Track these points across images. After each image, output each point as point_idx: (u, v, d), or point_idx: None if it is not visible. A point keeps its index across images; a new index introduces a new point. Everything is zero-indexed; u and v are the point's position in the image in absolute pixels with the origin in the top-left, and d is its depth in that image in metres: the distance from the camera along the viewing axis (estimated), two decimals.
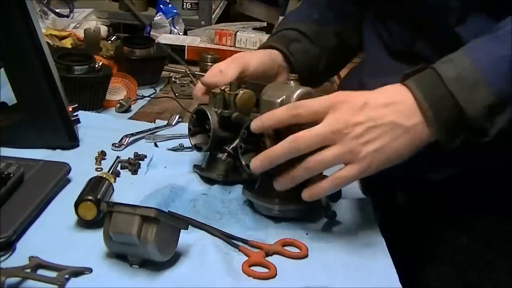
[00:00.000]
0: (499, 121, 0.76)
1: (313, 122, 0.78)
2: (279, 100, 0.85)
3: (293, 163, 0.79)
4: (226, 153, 0.95)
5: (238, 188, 0.94)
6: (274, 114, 0.80)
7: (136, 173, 1.00)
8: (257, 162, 0.81)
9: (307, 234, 0.86)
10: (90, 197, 0.80)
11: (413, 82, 0.78)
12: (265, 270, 0.77)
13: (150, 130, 1.16)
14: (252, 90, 0.94)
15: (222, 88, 0.96)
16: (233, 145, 0.95)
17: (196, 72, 1.54)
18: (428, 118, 0.77)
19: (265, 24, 1.92)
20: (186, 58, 1.65)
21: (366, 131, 0.76)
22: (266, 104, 0.87)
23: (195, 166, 1.01)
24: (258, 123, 0.81)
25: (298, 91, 0.85)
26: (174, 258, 0.76)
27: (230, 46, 1.72)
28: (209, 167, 0.98)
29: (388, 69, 0.98)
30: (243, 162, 0.87)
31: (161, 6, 1.84)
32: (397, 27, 0.97)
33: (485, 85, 0.76)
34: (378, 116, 0.77)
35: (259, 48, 1.12)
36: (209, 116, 0.95)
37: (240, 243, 0.82)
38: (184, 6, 1.95)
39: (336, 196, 0.85)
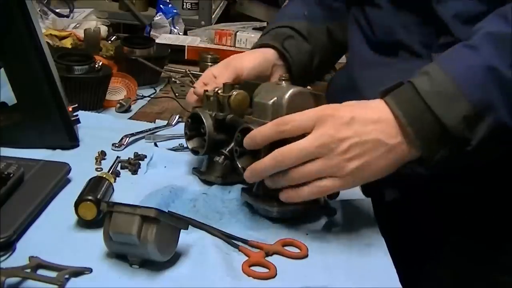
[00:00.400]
0: (479, 129, 0.77)
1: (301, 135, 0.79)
2: (270, 102, 0.85)
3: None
4: (223, 156, 0.95)
5: (238, 188, 0.93)
6: (261, 132, 0.81)
7: (136, 173, 1.00)
8: (248, 175, 0.83)
9: (307, 234, 0.86)
10: (90, 197, 0.80)
11: (392, 98, 0.79)
12: (265, 270, 0.77)
13: (150, 130, 1.16)
14: (246, 89, 0.93)
15: (216, 90, 0.95)
16: (230, 147, 0.95)
17: (193, 72, 1.54)
18: (409, 135, 0.77)
19: (265, 24, 1.91)
20: (186, 58, 1.66)
21: (351, 146, 0.77)
22: (258, 106, 0.87)
23: (194, 169, 1.01)
24: (248, 141, 0.82)
25: (290, 92, 0.85)
26: (174, 258, 0.76)
27: (230, 46, 1.72)
28: (208, 170, 0.98)
29: (372, 62, 0.99)
30: (239, 165, 0.87)
31: (161, 6, 1.84)
32: (375, 13, 0.98)
33: (461, 95, 0.76)
34: (363, 132, 0.78)
35: (253, 47, 1.12)
36: (204, 120, 0.95)
37: (240, 243, 0.82)
38: (184, 6, 1.95)
39: (333, 194, 0.85)
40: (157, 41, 1.55)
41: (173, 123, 1.20)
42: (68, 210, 0.81)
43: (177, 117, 1.21)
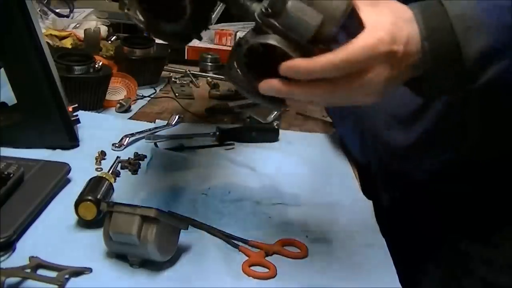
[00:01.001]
0: (490, 69, 0.75)
1: None
2: (315, 23, 0.67)
3: None
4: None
5: (238, 188, 0.94)
6: (311, 69, 0.69)
7: (136, 173, 1.00)
8: (265, 89, 0.72)
9: (307, 236, 0.85)
10: (90, 197, 0.80)
11: (420, 11, 0.75)
12: (265, 270, 0.77)
13: (150, 130, 1.16)
14: None
15: None
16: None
17: (193, 72, 1.54)
18: (423, 48, 0.73)
19: None
20: (186, 58, 1.66)
21: (391, 85, 0.73)
22: (294, 20, 0.67)
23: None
24: (288, 72, 0.69)
25: (341, 11, 0.67)
26: (174, 258, 0.76)
27: (230, 46, 1.72)
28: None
29: None
30: (246, 73, 0.71)
31: None
32: None
33: (485, 29, 0.74)
34: (403, 72, 0.74)
35: None
36: None
37: (240, 243, 0.82)
38: None
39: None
40: (157, 41, 1.55)
41: (173, 123, 1.20)
42: (68, 210, 0.82)
43: (177, 117, 1.22)
